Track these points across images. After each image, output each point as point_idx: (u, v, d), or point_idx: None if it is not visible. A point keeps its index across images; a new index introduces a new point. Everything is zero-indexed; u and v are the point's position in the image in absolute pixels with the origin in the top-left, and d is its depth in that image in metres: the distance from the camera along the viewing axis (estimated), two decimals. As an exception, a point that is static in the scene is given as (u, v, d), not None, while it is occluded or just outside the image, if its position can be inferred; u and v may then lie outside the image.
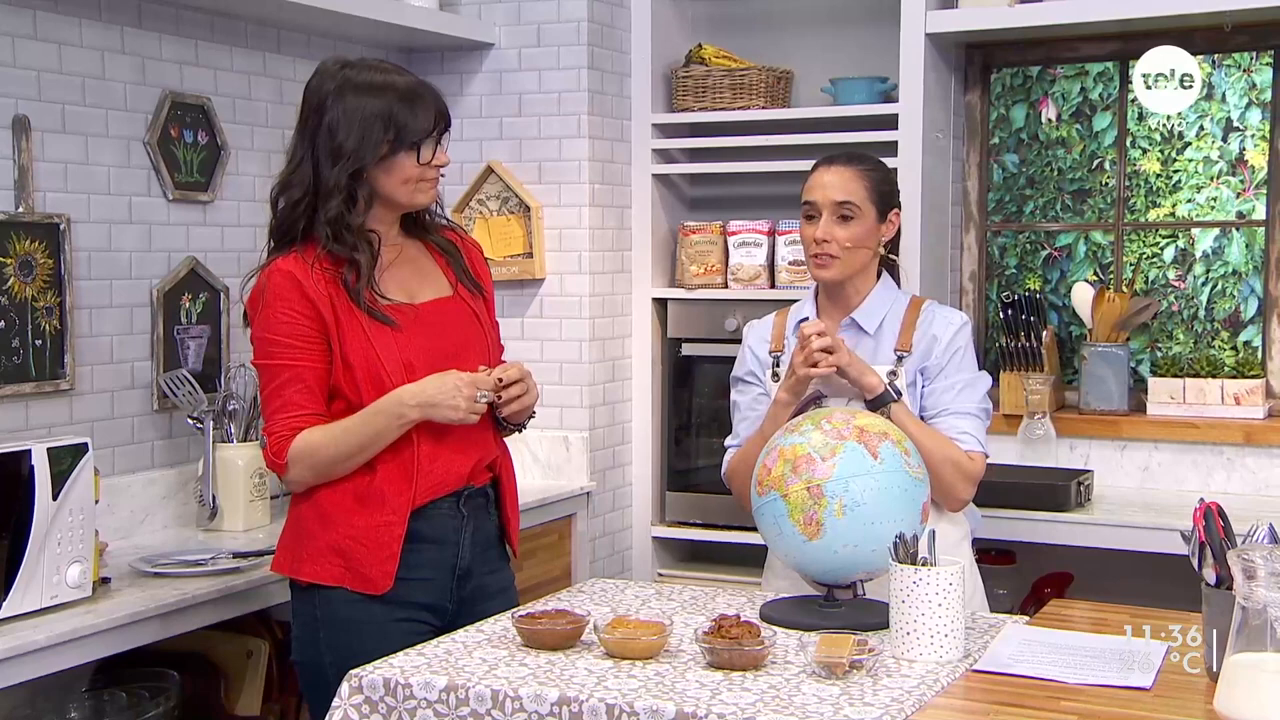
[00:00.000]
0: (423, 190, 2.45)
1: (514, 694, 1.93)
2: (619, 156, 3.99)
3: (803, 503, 2.22)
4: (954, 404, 2.62)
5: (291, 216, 2.41)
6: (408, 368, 2.39)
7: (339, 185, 2.36)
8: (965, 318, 2.72)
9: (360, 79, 2.40)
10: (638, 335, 4.05)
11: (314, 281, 2.37)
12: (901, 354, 2.64)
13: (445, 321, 2.49)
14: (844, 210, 2.63)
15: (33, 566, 2.45)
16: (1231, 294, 3.95)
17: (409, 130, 2.38)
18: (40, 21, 2.97)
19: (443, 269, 2.55)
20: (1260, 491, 3.65)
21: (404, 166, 2.40)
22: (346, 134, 2.36)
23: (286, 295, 2.37)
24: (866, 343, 2.68)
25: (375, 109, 2.37)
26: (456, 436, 2.44)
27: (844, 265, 2.65)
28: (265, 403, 2.43)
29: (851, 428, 2.27)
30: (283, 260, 2.39)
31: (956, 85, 4.00)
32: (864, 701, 1.88)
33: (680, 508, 4.05)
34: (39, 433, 2.91)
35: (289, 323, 2.37)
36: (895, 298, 2.72)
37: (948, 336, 2.66)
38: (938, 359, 2.64)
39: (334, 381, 2.40)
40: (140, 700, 2.76)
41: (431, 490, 2.42)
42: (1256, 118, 3.89)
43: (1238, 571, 1.78)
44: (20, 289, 2.90)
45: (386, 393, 2.36)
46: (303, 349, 2.38)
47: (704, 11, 4.21)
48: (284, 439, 2.38)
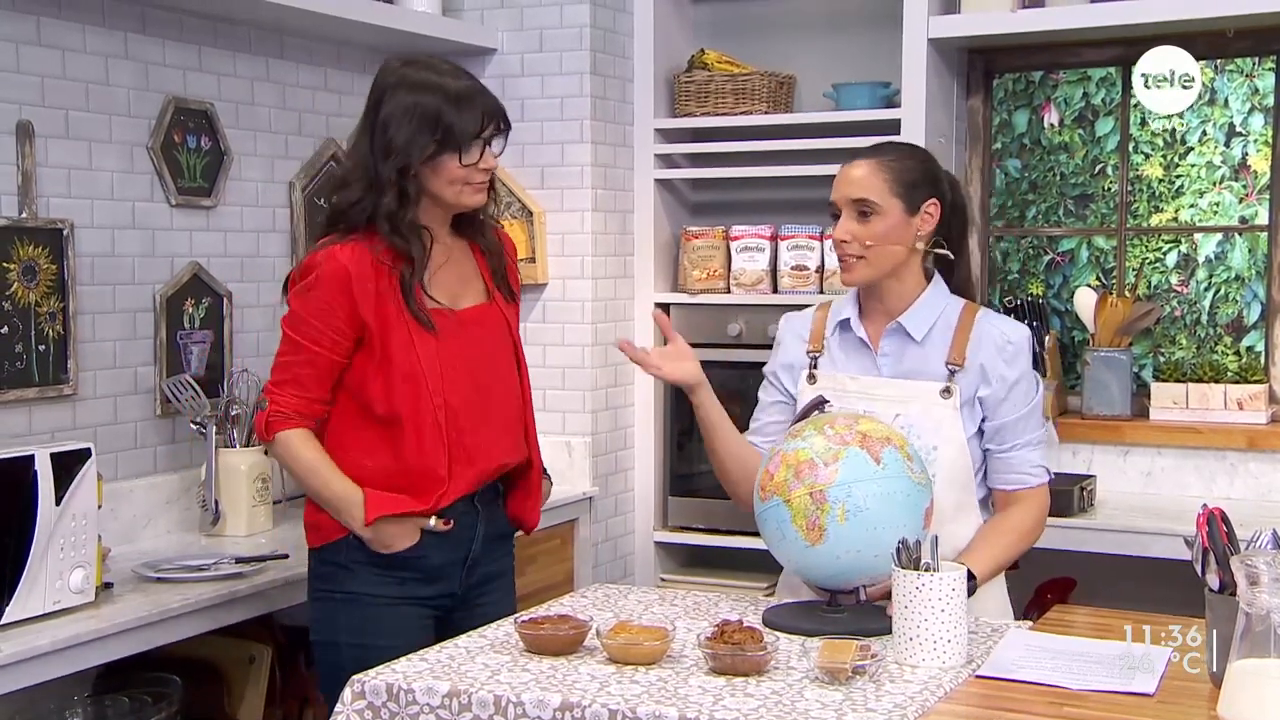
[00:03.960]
0: (469, 193, 2.49)
1: (516, 699, 1.93)
2: (621, 161, 3.99)
3: (805, 508, 2.22)
4: (1022, 435, 2.47)
5: (352, 210, 2.46)
6: (444, 372, 2.46)
7: (390, 181, 2.42)
8: (1025, 331, 2.51)
9: (415, 77, 2.45)
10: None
11: (367, 276, 2.42)
12: (953, 367, 2.45)
13: (481, 330, 2.56)
14: (862, 207, 2.44)
15: (36, 571, 2.45)
16: (1234, 299, 3.95)
17: (454, 132, 2.42)
18: (44, 27, 2.97)
19: (484, 274, 2.61)
20: (1264, 497, 3.64)
21: (449, 168, 2.44)
22: (397, 130, 2.43)
23: (333, 287, 2.43)
24: (913, 351, 2.48)
25: (424, 108, 2.42)
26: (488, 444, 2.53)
27: (871, 266, 2.45)
28: (277, 368, 2.50)
29: (854, 433, 2.27)
30: (342, 249, 2.44)
31: (959, 90, 4.00)
32: (867, 707, 1.88)
33: (682, 513, 4.05)
34: (42, 438, 2.91)
35: (326, 311, 2.43)
36: (947, 304, 2.51)
37: (1007, 359, 2.46)
38: (999, 386, 2.45)
39: (360, 379, 2.46)
40: (143, 705, 2.76)
41: (458, 493, 2.50)
42: (1259, 123, 3.89)
43: (1241, 577, 1.77)
44: (23, 294, 2.90)
45: (420, 391, 2.44)
46: (329, 338, 2.44)
47: (706, 16, 4.22)
48: (284, 419, 2.47)
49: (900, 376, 2.48)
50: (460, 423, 2.48)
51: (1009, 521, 2.48)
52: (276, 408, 2.47)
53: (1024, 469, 2.49)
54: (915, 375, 2.48)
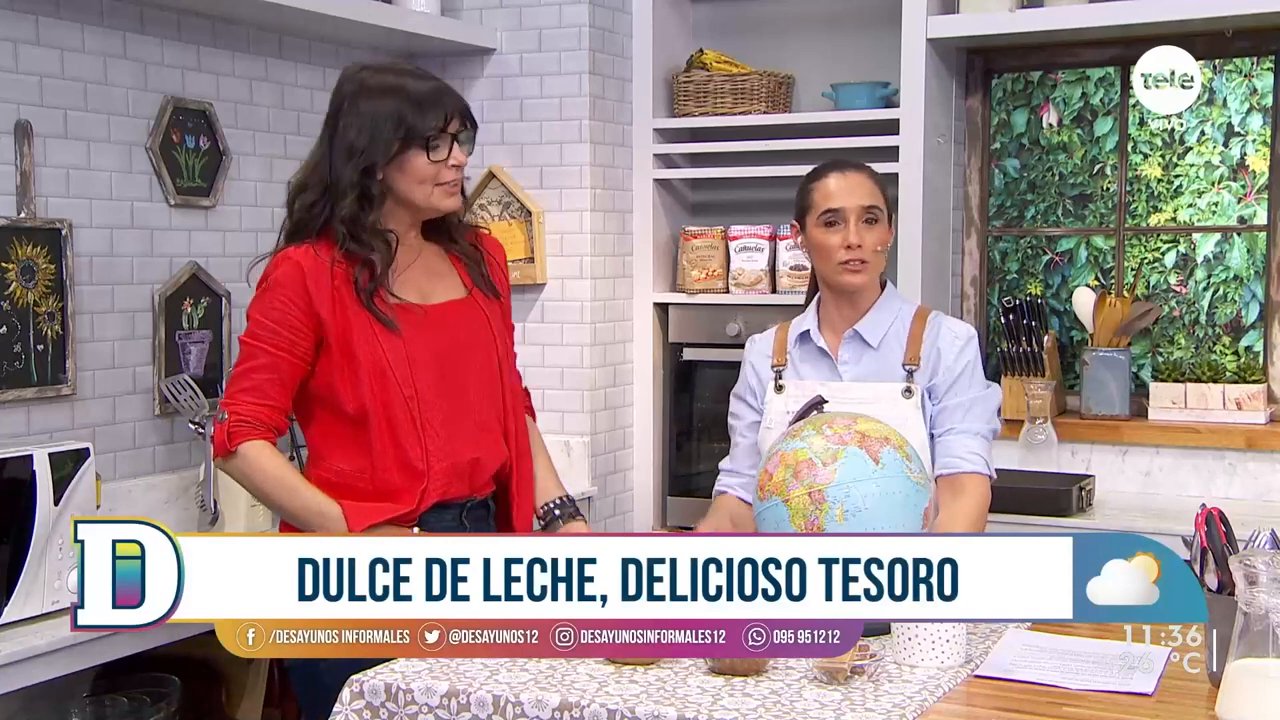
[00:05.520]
0: (440, 194, 2.43)
1: (515, 699, 1.93)
2: (620, 161, 3.99)
3: (804, 508, 2.22)
4: (961, 423, 2.57)
5: (308, 216, 2.42)
6: (411, 363, 2.40)
7: (352, 183, 2.38)
8: (972, 330, 2.66)
9: (374, 81, 2.42)
10: (639, 340, 4.05)
11: (322, 277, 2.37)
12: (910, 368, 2.59)
13: (454, 322, 2.49)
14: (870, 214, 2.58)
15: (34, 571, 2.45)
16: (1233, 299, 3.95)
17: (418, 128, 2.38)
18: (42, 27, 2.97)
19: (460, 272, 2.55)
20: (1262, 497, 3.64)
21: (417, 165, 2.40)
22: (358, 133, 2.39)
23: (288, 286, 2.38)
24: (871, 356, 2.63)
25: (387, 108, 2.38)
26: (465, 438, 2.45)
27: (874, 271, 2.60)
28: (235, 379, 2.42)
29: (853, 433, 2.27)
30: (295, 250, 2.41)
31: (958, 90, 4.00)
32: (865, 707, 1.88)
33: (681, 513, 4.04)
34: (40, 438, 2.91)
35: (282, 311, 2.38)
36: (900, 309, 2.65)
37: (953, 352, 2.60)
38: (945, 375, 2.59)
39: (327, 382, 2.40)
40: (141, 705, 2.76)
41: (440, 490, 2.42)
42: (1258, 123, 3.89)
43: (1239, 577, 1.78)
44: (22, 294, 2.90)
45: (389, 386, 2.38)
46: (286, 339, 2.38)
47: (705, 16, 4.22)
48: (247, 429, 2.36)
49: (860, 381, 2.61)
50: (432, 415, 2.41)
51: (947, 514, 2.49)
52: (237, 417, 2.36)
53: (959, 452, 2.55)
54: (875, 379, 2.60)
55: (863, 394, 2.56)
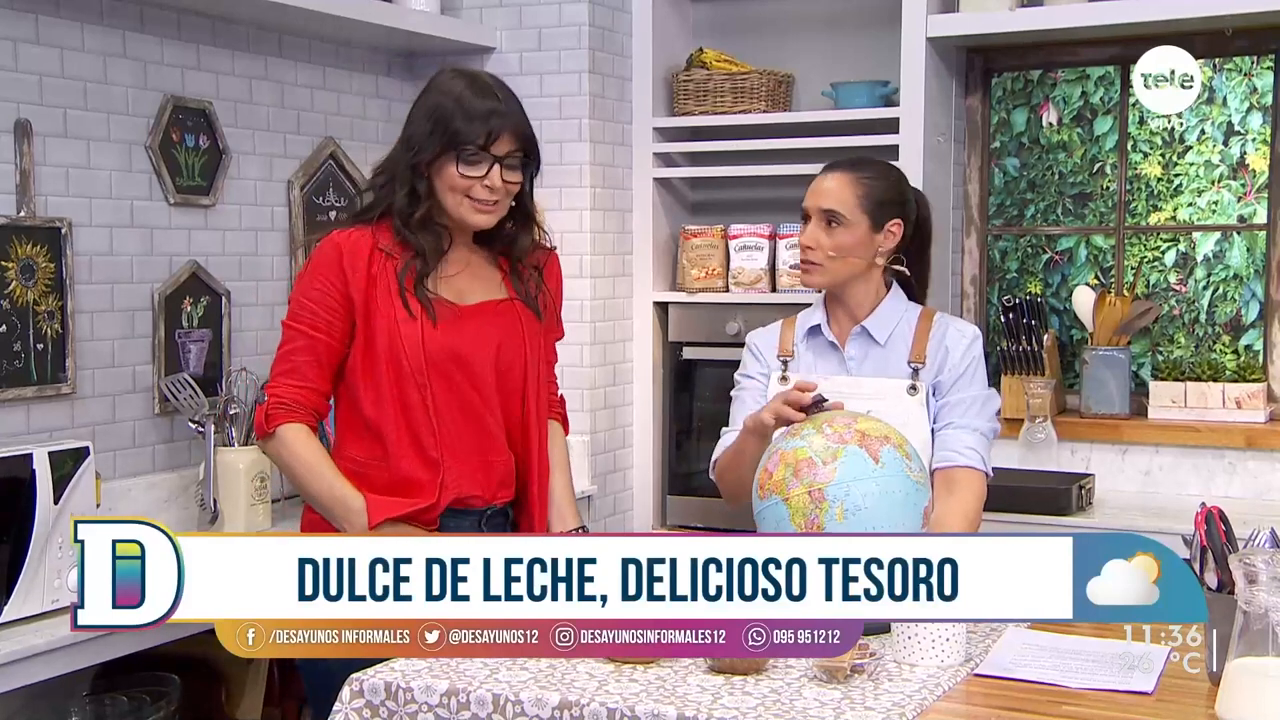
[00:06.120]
0: (470, 208, 2.42)
1: (515, 698, 1.93)
2: (620, 160, 3.99)
3: (804, 507, 2.22)
4: (961, 418, 2.58)
5: (376, 198, 2.47)
6: (428, 356, 2.41)
7: (404, 176, 2.43)
8: (977, 331, 2.66)
9: (445, 82, 2.46)
10: (639, 339, 4.05)
11: (359, 259, 2.40)
12: (916, 365, 2.60)
13: (483, 321, 2.48)
14: (830, 217, 2.58)
15: (34, 570, 2.45)
16: (1233, 298, 3.96)
17: (458, 137, 2.39)
18: (42, 26, 2.97)
19: (505, 283, 2.54)
20: (1262, 495, 3.65)
21: (449, 173, 2.41)
22: (414, 127, 2.44)
23: (325, 267, 2.42)
24: (877, 353, 2.64)
25: (440, 111, 2.41)
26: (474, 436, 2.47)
27: (827, 273, 2.60)
28: (276, 361, 2.46)
29: (853, 431, 2.27)
30: (340, 232, 2.45)
31: (957, 89, 4.00)
32: (865, 706, 1.88)
33: (681, 512, 4.05)
34: (40, 437, 2.91)
35: (320, 292, 2.42)
36: (906, 309, 2.67)
37: (960, 349, 2.61)
38: (950, 372, 2.60)
39: (350, 367, 2.43)
40: (141, 704, 2.76)
41: (457, 484, 2.43)
42: (1257, 121, 3.89)
43: (1239, 576, 1.78)
44: (22, 293, 2.90)
45: (403, 375, 2.39)
46: (324, 320, 2.41)
47: (705, 15, 4.22)
48: (285, 411, 2.40)
49: (867, 377, 2.61)
50: (448, 411, 2.42)
51: (942, 508, 2.48)
52: (276, 399, 2.42)
53: (956, 447, 2.56)
54: (881, 375, 2.61)
55: (867, 389, 2.57)
